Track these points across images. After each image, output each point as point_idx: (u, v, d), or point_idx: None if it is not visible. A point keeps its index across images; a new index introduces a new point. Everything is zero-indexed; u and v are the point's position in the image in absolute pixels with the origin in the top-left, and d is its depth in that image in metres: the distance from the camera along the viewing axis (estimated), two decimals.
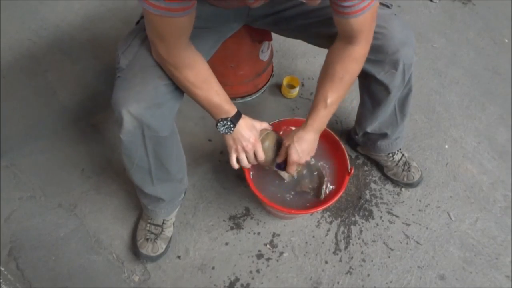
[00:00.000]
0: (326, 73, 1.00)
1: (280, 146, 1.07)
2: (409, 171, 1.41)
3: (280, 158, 1.07)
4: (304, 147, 1.03)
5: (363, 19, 0.87)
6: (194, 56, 0.90)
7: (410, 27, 1.06)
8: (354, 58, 0.96)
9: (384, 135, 1.32)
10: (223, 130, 0.97)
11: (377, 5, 0.89)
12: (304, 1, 0.74)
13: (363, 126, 1.32)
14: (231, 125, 0.96)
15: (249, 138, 0.98)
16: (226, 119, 0.95)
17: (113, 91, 0.92)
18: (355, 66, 0.97)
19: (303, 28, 1.11)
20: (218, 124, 0.96)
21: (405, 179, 1.41)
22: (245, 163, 1.02)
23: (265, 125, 1.06)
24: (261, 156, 1.02)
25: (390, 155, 1.40)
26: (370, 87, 1.15)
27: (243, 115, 0.99)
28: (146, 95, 0.89)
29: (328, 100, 0.99)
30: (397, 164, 1.41)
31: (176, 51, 0.86)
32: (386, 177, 1.46)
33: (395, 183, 1.44)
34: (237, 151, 1.00)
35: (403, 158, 1.42)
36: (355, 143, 1.48)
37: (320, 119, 1.02)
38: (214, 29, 1.07)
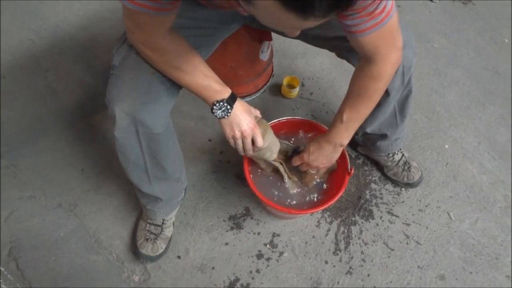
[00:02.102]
0: (347, 91, 1.00)
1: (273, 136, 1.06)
2: (409, 171, 1.41)
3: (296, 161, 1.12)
4: (316, 152, 1.08)
5: (375, 38, 0.82)
6: (174, 39, 0.86)
7: (410, 27, 1.05)
8: (371, 76, 0.92)
9: (383, 136, 1.32)
10: (220, 114, 0.90)
11: (394, 22, 0.81)
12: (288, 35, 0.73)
13: (362, 126, 1.30)
14: (228, 107, 0.89)
15: (248, 123, 0.92)
16: (221, 101, 0.88)
17: (107, 88, 0.91)
18: (372, 84, 0.94)
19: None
20: (214, 107, 0.89)
21: (405, 179, 1.41)
22: (241, 151, 0.98)
23: (257, 112, 1.01)
24: (260, 142, 0.96)
25: (390, 155, 1.40)
26: None
27: (238, 98, 0.92)
28: (138, 92, 0.88)
29: (344, 116, 0.99)
30: (397, 164, 1.41)
31: (154, 35, 0.82)
32: (386, 177, 1.46)
33: (395, 183, 1.44)
34: (234, 137, 0.94)
35: (403, 158, 1.42)
36: (355, 143, 1.47)
37: (337, 134, 1.03)
38: (212, 29, 1.07)
